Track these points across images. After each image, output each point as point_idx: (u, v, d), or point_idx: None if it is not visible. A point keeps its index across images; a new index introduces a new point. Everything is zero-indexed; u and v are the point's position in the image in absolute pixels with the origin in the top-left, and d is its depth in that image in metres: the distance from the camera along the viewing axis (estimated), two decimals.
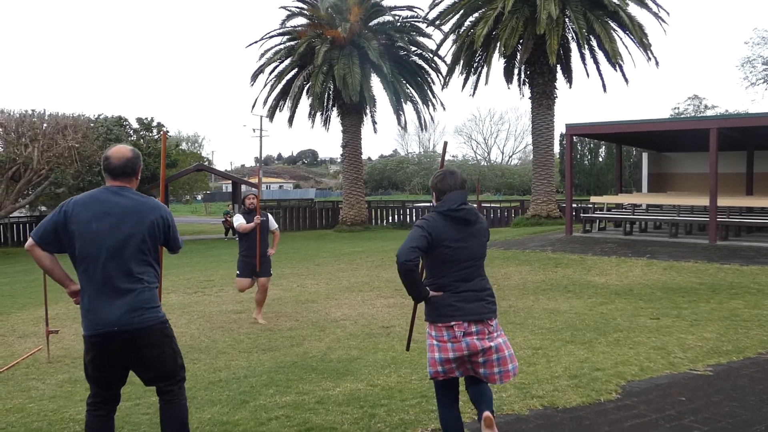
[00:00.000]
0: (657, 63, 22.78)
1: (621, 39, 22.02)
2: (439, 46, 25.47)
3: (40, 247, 3.36)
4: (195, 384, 5.64)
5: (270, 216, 8.63)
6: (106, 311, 3.28)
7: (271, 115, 27.87)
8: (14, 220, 24.52)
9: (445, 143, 5.04)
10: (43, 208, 27.26)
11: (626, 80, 22.98)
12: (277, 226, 8.71)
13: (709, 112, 45.16)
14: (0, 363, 6.64)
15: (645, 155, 21.76)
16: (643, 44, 21.66)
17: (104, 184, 3.50)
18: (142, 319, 3.32)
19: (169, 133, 29.75)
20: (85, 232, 3.30)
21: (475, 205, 10.99)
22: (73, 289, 3.44)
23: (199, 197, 61.10)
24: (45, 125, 21.47)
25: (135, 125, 27.18)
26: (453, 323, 3.59)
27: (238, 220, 8.35)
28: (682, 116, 41.62)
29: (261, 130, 56.77)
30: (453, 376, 3.71)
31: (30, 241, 3.38)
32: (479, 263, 3.74)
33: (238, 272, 8.41)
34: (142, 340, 3.34)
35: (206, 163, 42.11)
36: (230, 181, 33.14)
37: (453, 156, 78.74)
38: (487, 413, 3.63)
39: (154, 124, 27.60)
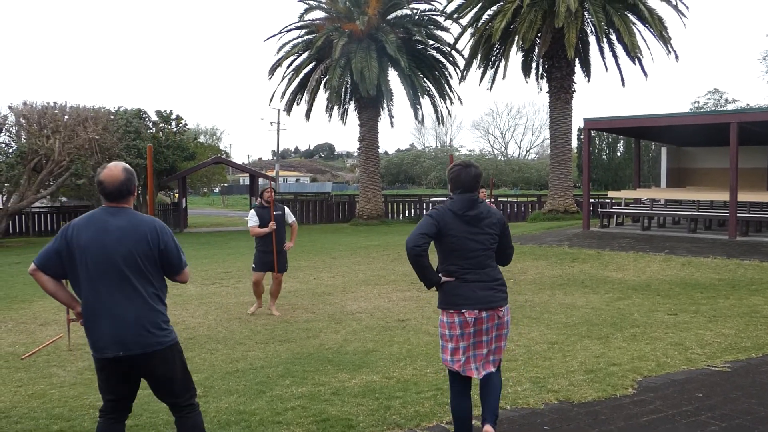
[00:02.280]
0: (677, 56, 22.48)
1: (640, 32, 21.77)
2: (456, 39, 25.14)
3: (43, 271, 3.35)
4: (212, 374, 5.71)
5: (287, 209, 8.55)
6: (108, 334, 3.27)
7: (288, 108, 27.94)
8: (36, 211, 24.83)
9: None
10: (64, 199, 27.57)
11: (645, 74, 22.75)
12: (294, 218, 8.64)
13: (729, 106, 44.52)
14: (22, 350, 6.75)
15: (664, 150, 21.55)
16: (663, 37, 21.40)
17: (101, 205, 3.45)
18: (147, 343, 3.29)
19: (187, 126, 29.80)
20: (85, 254, 3.28)
21: (488, 201, 10.97)
22: (80, 310, 3.43)
23: (217, 190, 61.43)
24: (66, 117, 21.65)
25: (154, 118, 27.34)
26: (464, 310, 3.71)
27: (252, 221, 8.24)
28: (702, 110, 41.13)
29: (278, 123, 56.83)
30: (468, 368, 3.78)
31: (32, 266, 3.36)
32: (488, 254, 3.83)
33: (254, 266, 8.44)
34: (147, 363, 3.33)
35: (224, 156, 42.30)
36: (248, 174, 33.31)
37: (470, 150, 78.49)
38: (487, 427, 3.75)
39: (173, 116, 27.74)
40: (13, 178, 20.84)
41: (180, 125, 28.23)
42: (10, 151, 21.57)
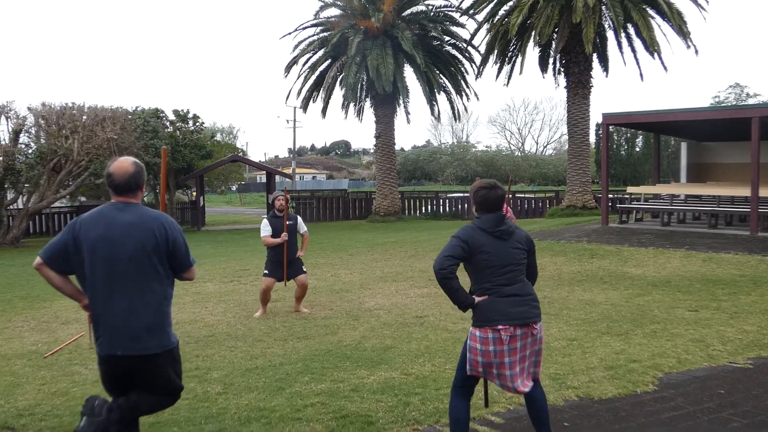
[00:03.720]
0: (696, 51, 22.33)
1: (659, 26, 21.59)
2: (472, 35, 25.06)
3: (48, 266, 3.33)
4: (232, 371, 5.75)
5: (299, 218, 8.51)
6: (111, 333, 3.27)
7: (304, 106, 28.05)
8: (56, 210, 25.12)
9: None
10: (83, 199, 27.86)
11: (665, 68, 22.61)
12: (306, 229, 8.58)
13: (750, 101, 43.97)
14: (45, 348, 6.84)
15: (684, 145, 21.32)
16: (682, 32, 21.18)
17: (110, 200, 3.43)
18: (146, 346, 3.28)
19: (204, 125, 29.99)
20: (92, 250, 3.26)
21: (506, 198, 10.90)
22: (86, 303, 3.40)
23: (234, 188, 61.77)
24: (85, 117, 21.87)
25: (171, 117, 27.56)
26: (500, 327, 3.66)
27: (265, 231, 8.20)
28: (723, 105, 40.62)
29: (294, 121, 56.89)
30: (506, 385, 3.75)
31: (38, 259, 3.33)
32: (520, 268, 3.81)
33: (266, 271, 8.36)
34: (143, 366, 3.32)
35: (241, 154, 42.55)
36: (264, 172, 33.48)
37: (487, 146, 78.20)
38: None
39: (190, 115, 27.94)
40: (33, 178, 21.11)
41: (197, 124, 28.42)
42: (30, 151, 21.84)
